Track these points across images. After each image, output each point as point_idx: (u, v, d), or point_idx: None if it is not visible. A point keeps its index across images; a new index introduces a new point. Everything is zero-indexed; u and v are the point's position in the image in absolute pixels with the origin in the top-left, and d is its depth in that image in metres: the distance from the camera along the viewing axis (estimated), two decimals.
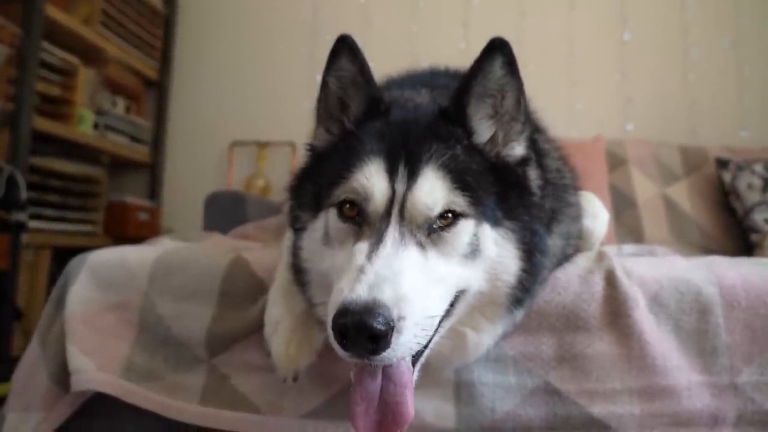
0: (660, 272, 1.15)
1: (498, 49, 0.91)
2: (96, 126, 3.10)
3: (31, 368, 1.25)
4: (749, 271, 1.15)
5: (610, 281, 1.11)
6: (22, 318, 2.61)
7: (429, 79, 1.27)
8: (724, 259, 1.23)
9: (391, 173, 0.88)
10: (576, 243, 1.23)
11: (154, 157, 3.56)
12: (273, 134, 3.44)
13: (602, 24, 3.33)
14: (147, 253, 1.30)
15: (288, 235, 1.13)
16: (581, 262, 1.18)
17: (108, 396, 1.15)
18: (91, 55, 3.07)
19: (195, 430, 1.14)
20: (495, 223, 0.91)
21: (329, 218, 0.92)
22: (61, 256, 2.72)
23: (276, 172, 3.41)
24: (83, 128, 2.97)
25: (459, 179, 0.89)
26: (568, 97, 3.26)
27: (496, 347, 1.08)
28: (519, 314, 1.00)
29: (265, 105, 3.51)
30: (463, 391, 1.08)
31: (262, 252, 1.29)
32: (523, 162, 0.98)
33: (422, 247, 0.85)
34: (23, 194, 2.44)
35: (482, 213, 0.89)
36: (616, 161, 2.65)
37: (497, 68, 0.92)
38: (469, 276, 0.89)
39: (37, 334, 1.29)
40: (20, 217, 2.44)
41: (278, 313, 1.07)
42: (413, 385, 0.86)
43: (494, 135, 0.97)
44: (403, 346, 0.76)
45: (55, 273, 2.76)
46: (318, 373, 1.09)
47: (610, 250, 1.31)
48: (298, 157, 3.34)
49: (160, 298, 1.21)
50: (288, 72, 3.47)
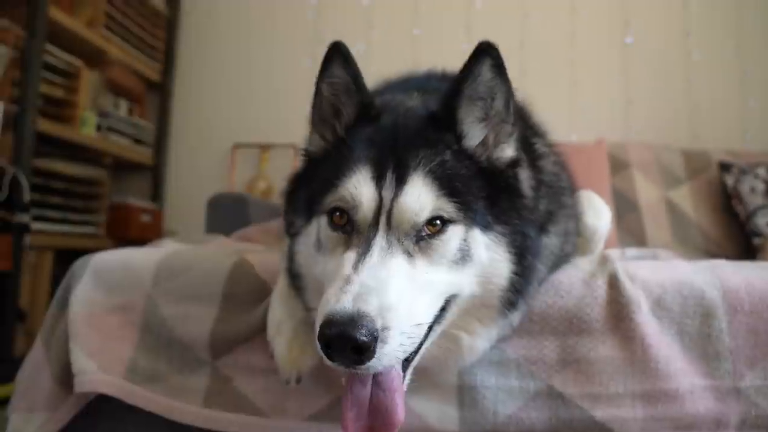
0: (663, 276, 1.14)
1: (486, 53, 0.92)
2: (99, 128, 3.11)
3: (34, 369, 1.26)
4: (753, 275, 1.15)
5: (613, 285, 1.11)
6: (24, 319, 2.62)
7: (424, 82, 1.27)
8: (727, 263, 1.22)
9: (379, 180, 0.88)
10: (574, 240, 1.23)
11: (157, 159, 3.57)
12: (275, 137, 3.44)
13: (604, 27, 3.34)
14: (151, 255, 1.30)
15: (286, 239, 1.14)
16: (584, 265, 1.18)
17: (111, 397, 1.16)
18: (94, 58, 3.09)
19: None
20: (485, 227, 0.91)
21: (320, 225, 0.93)
22: (64, 257, 2.73)
23: (278, 175, 3.41)
24: (86, 130, 2.98)
25: (447, 185, 0.89)
26: (570, 100, 3.26)
27: (499, 351, 1.08)
28: (515, 317, 1.01)
29: (267, 107, 3.52)
30: (465, 394, 1.07)
31: (265, 254, 1.29)
32: (514, 163, 0.98)
33: (410, 255, 0.85)
34: (26, 196, 2.45)
35: (472, 218, 0.89)
36: (618, 165, 2.64)
37: (486, 71, 0.93)
38: (460, 281, 0.89)
39: (40, 335, 1.30)
40: (23, 218, 2.45)
41: (281, 315, 1.07)
42: (403, 390, 0.86)
43: (485, 138, 0.97)
44: (388, 355, 0.77)
45: (58, 274, 2.76)
46: (321, 376, 1.08)
47: (614, 253, 1.30)
48: (300, 159, 3.33)
49: (163, 300, 1.22)
50: (290, 74, 3.47)
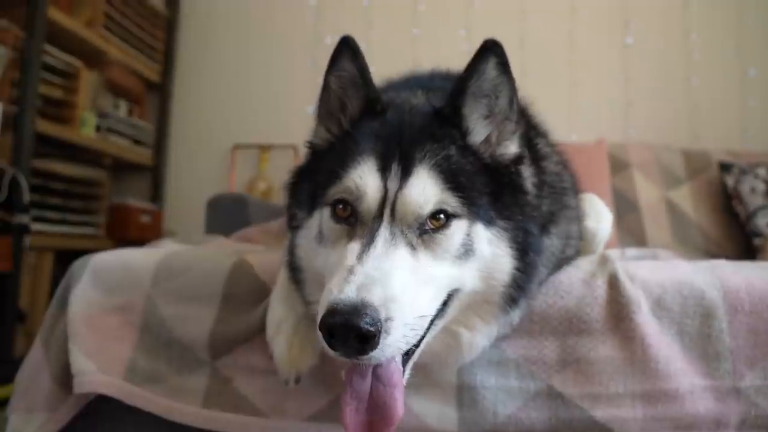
0: (663, 276, 1.14)
1: (491, 50, 0.92)
2: (98, 128, 3.11)
3: (34, 370, 1.26)
4: (753, 275, 1.14)
5: (613, 285, 1.11)
6: (24, 320, 2.62)
7: (428, 81, 1.28)
8: (727, 263, 1.22)
9: (384, 172, 0.89)
10: (576, 243, 1.23)
11: (156, 159, 3.57)
12: (275, 137, 3.44)
13: (604, 27, 3.34)
14: (150, 255, 1.30)
15: (288, 237, 1.14)
16: (584, 265, 1.17)
17: (111, 398, 1.15)
18: (93, 58, 3.08)
19: None
20: (488, 222, 0.91)
21: (323, 217, 0.93)
22: (64, 258, 2.73)
23: (278, 176, 3.41)
24: (85, 131, 2.98)
25: (452, 179, 0.89)
26: (570, 100, 3.26)
27: (498, 351, 1.08)
28: (515, 314, 1.00)
29: (267, 108, 3.52)
30: (465, 394, 1.07)
31: (265, 255, 1.29)
32: (517, 160, 0.99)
33: (413, 247, 0.85)
34: (26, 197, 2.45)
35: (475, 213, 0.90)
36: (618, 165, 2.64)
37: (491, 69, 0.94)
38: (462, 275, 0.89)
39: (40, 336, 1.30)
40: (23, 219, 2.45)
41: (280, 315, 1.07)
42: (403, 385, 0.86)
43: (488, 135, 0.98)
44: (392, 346, 0.77)
45: (58, 275, 2.75)
46: (321, 376, 1.08)
47: (614, 253, 1.30)
48: (300, 160, 3.34)
49: (163, 301, 1.22)
50: (290, 75, 3.48)
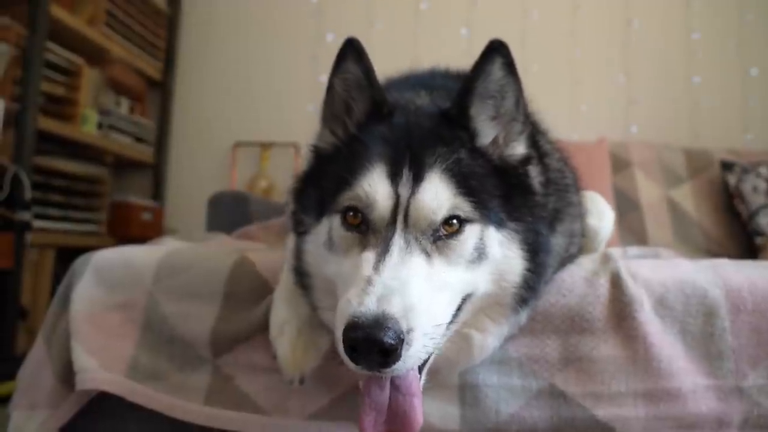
0: (665, 275, 1.14)
1: (497, 51, 0.92)
2: (100, 126, 3.11)
3: (36, 367, 1.26)
4: (755, 275, 1.14)
5: (616, 283, 1.11)
6: (26, 317, 2.62)
7: (428, 80, 1.27)
8: (729, 262, 1.22)
9: (395, 178, 0.87)
10: (579, 241, 1.23)
11: (158, 157, 3.57)
12: (276, 135, 3.44)
13: (606, 26, 3.33)
14: (152, 252, 1.30)
15: (291, 237, 1.13)
16: (586, 264, 1.17)
17: (112, 395, 1.15)
18: (95, 56, 3.09)
19: (199, 430, 1.14)
20: (499, 224, 0.90)
21: (333, 225, 0.91)
22: (65, 255, 2.73)
23: (279, 173, 3.42)
24: (87, 128, 2.98)
25: (464, 183, 0.88)
26: (571, 98, 3.26)
27: (501, 349, 1.07)
28: (523, 315, 1.00)
29: (268, 106, 3.52)
30: (467, 393, 1.07)
31: (266, 253, 1.29)
32: (525, 161, 0.98)
33: (427, 254, 0.84)
34: (28, 194, 2.45)
35: (487, 216, 0.89)
36: (619, 164, 2.64)
37: (497, 69, 0.93)
38: (475, 279, 0.89)
39: (42, 333, 1.30)
40: (24, 216, 2.45)
41: (284, 315, 1.06)
42: (421, 393, 0.85)
43: (496, 136, 0.97)
44: (413, 357, 0.76)
45: (59, 272, 2.76)
46: (322, 375, 1.08)
47: (616, 252, 1.30)
48: (301, 158, 3.34)
49: (164, 298, 1.22)
50: (291, 73, 3.48)
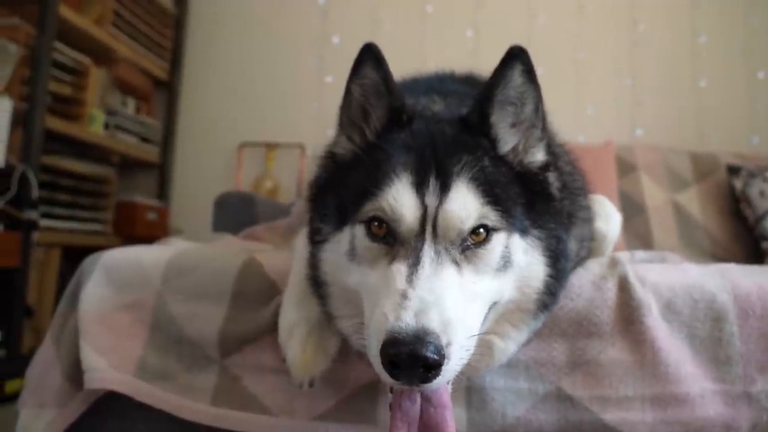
0: (673, 279, 1.14)
1: (517, 57, 0.91)
2: (106, 126, 3.12)
3: (44, 365, 1.26)
4: (763, 280, 1.14)
5: (623, 287, 1.11)
6: (32, 315, 2.63)
7: (437, 84, 1.26)
8: (737, 267, 1.22)
9: (420, 187, 0.85)
10: (589, 245, 1.23)
11: (164, 157, 3.57)
12: (282, 136, 3.44)
13: (612, 28, 3.33)
14: (160, 253, 1.31)
15: (301, 239, 1.13)
16: (594, 268, 1.17)
17: (120, 395, 1.16)
18: (102, 56, 3.10)
19: (206, 430, 1.15)
20: (524, 232, 0.90)
21: (356, 235, 0.89)
22: (71, 254, 2.74)
23: (285, 174, 3.42)
24: (94, 128, 2.99)
25: (490, 192, 0.87)
26: (577, 101, 3.25)
27: None
28: (541, 320, 0.99)
29: (274, 106, 3.52)
30: (474, 395, 1.07)
31: (274, 254, 1.30)
32: (545, 167, 0.98)
33: (457, 264, 0.84)
34: (35, 193, 2.46)
35: (512, 224, 0.88)
36: (625, 167, 2.63)
37: (517, 76, 0.92)
38: (501, 287, 0.88)
39: (50, 332, 1.30)
40: (32, 215, 2.46)
41: (293, 318, 1.06)
42: (451, 405, 0.84)
43: (516, 143, 0.97)
44: (451, 370, 0.76)
45: (65, 271, 2.78)
46: (329, 376, 1.08)
47: (623, 256, 1.30)
48: (307, 158, 3.35)
49: (173, 298, 1.22)
50: (297, 74, 3.48)
